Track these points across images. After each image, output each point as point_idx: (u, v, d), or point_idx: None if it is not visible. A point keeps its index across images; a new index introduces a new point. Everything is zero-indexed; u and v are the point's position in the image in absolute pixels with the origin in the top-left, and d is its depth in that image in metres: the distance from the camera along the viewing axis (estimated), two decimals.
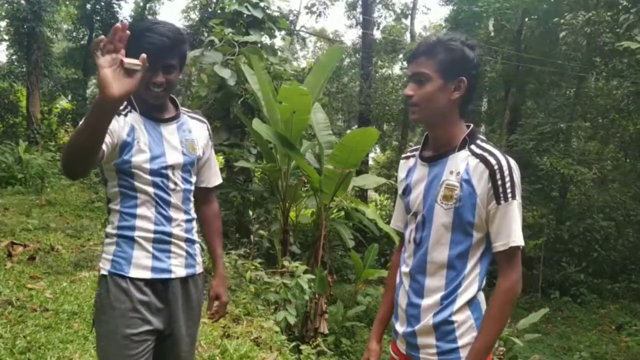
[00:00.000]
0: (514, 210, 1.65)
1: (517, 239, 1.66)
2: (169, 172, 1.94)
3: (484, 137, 1.79)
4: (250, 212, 7.70)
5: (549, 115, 14.21)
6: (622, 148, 15.40)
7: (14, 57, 17.05)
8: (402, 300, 1.84)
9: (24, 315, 3.99)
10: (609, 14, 11.58)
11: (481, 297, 1.78)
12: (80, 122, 1.61)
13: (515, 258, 1.68)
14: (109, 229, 1.95)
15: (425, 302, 1.76)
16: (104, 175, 1.93)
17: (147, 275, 1.90)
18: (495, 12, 15.57)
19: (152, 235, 1.91)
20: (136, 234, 1.90)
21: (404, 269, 1.86)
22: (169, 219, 1.95)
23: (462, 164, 1.70)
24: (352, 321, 7.86)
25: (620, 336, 10.39)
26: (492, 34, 16.67)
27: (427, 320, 1.74)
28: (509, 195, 1.64)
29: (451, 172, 1.71)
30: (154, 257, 1.92)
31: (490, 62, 15.63)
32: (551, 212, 14.64)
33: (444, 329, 1.72)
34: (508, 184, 1.64)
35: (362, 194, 16.11)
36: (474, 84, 1.73)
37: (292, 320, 5.20)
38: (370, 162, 20.22)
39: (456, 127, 1.76)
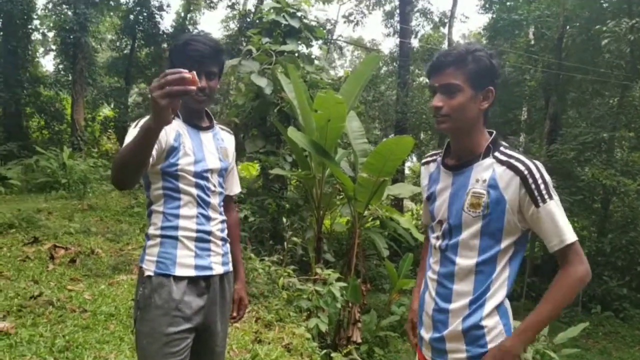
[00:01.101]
0: (555, 209, 1.66)
1: (569, 235, 1.66)
2: (209, 175, 2.07)
3: (506, 144, 1.78)
4: (285, 220, 7.75)
5: (591, 125, 13.88)
6: None
7: (60, 66, 17.65)
8: (429, 306, 1.84)
9: (64, 315, 4.11)
10: None
11: (507, 303, 1.77)
12: (128, 140, 1.74)
13: (574, 253, 1.68)
14: (152, 230, 2.03)
15: (453, 306, 1.75)
16: (147, 179, 2.01)
17: (192, 273, 1.99)
18: (536, 20, 15.34)
19: (194, 235, 2.01)
20: (180, 233, 1.99)
21: (430, 274, 1.86)
22: (208, 219, 2.06)
23: (487, 171, 1.71)
24: (386, 331, 7.79)
25: None
26: (532, 42, 16.40)
27: (456, 325, 1.74)
28: (546, 196, 1.65)
29: (477, 180, 1.71)
30: (196, 255, 2.01)
31: (530, 70, 15.37)
32: (593, 224, 14.26)
33: (474, 334, 1.72)
34: (542, 186, 1.64)
35: (397, 203, 16.01)
36: (496, 93, 1.75)
37: (323, 327, 5.20)
38: (407, 171, 20.09)
39: (481, 135, 1.77)
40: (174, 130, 1.99)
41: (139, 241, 6.91)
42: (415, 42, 19.79)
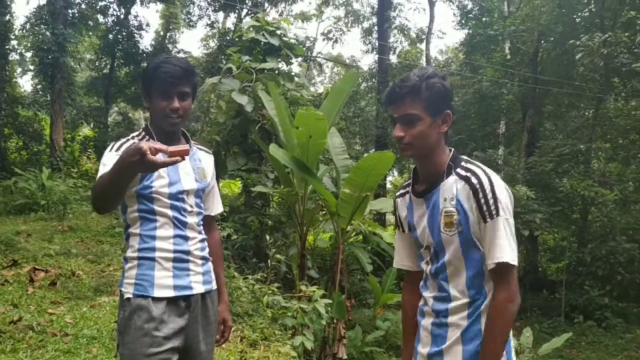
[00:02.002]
0: (500, 227, 1.66)
1: (506, 255, 1.64)
2: (185, 197, 2.07)
3: (467, 158, 1.82)
4: (268, 237, 7.72)
5: (568, 137, 14.10)
6: None
7: (38, 86, 17.49)
8: (427, 322, 1.87)
9: (45, 340, 4.04)
10: (626, 34, 11.56)
11: None
12: (106, 164, 1.86)
13: (506, 276, 1.67)
14: (129, 253, 2.04)
15: (450, 333, 1.78)
16: (124, 202, 2.03)
17: (170, 293, 1.99)
18: (511, 35, 15.61)
19: (171, 255, 2.02)
20: (157, 254, 2.00)
21: (427, 294, 1.89)
22: (186, 238, 2.07)
23: (452, 189, 1.75)
24: (371, 346, 7.77)
25: None
26: (509, 56, 16.69)
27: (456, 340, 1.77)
28: (494, 212, 1.66)
29: (445, 199, 1.75)
30: (175, 276, 2.02)
31: (507, 84, 15.62)
32: (572, 235, 14.42)
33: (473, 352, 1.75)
34: (491, 201, 1.66)
35: (380, 218, 16.06)
36: (453, 112, 1.80)
37: (309, 345, 5.17)
38: (388, 186, 20.19)
39: (443, 155, 1.81)
40: None
41: (120, 262, 6.82)
42: (393, 58, 20.01)
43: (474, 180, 1.69)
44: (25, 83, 42.93)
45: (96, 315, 4.82)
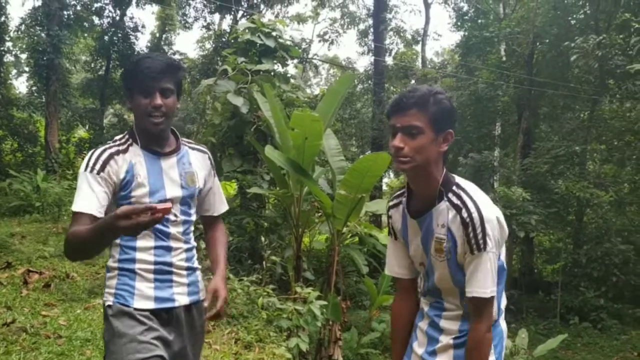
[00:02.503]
0: (485, 261, 1.68)
1: (485, 290, 1.68)
2: None
3: (457, 181, 1.80)
4: (263, 238, 7.71)
5: (563, 139, 14.15)
6: (639, 170, 15.22)
7: (33, 88, 17.43)
8: (423, 324, 1.89)
9: (38, 342, 4.02)
10: (620, 36, 11.60)
11: (503, 324, 1.82)
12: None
13: (483, 307, 1.71)
14: (110, 263, 1.97)
15: (443, 337, 1.82)
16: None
17: (151, 305, 1.92)
18: (507, 37, 15.67)
19: (152, 267, 1.94)
20: (137, 266, 1.92)
21: (424, 300, 1.93)
22: (169, 249, 1.97)
23: (443, 215, 1.75)
24: (367, 348, 7.76)
25: None
26: (504, 58, 16.74)
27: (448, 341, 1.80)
28: (481, 246, 1.67)
29: (437, 225, 1.76)
30: (156, 287, 1.94)
31: (502, 86, 15.66)
32: (568, 236, 14.46)
33: (463, 350, 1.77)
34: (480, 235, 1.67)
35: (375, 220, 16.04)
36: (455, 134, 1.79)
37: (304, 347, 5.15)
38: (384, 187, 20.20)
39: (437, 175, 1.78)
40: (126, 162, 1.92)
41: None
42: (389, 60, 20.04)
43: (464, 213, 1.69)
44: (20, 85, 42.92)
45: (90, 318, 4.79)
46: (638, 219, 13.77)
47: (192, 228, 2.10)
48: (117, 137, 2.01)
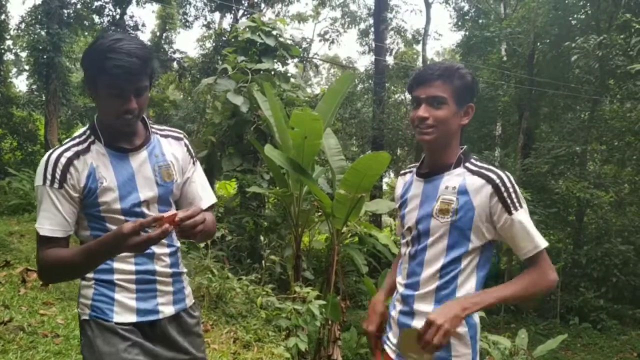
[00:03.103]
0: (526, 217, 1.72)
1: (541, 242, 1.72)
2: (144, 209, 1.73)
3: (476, 157, 1.85)
4: (263, 238, 7.70)
5: (564, 139, 14.14)
6: (639, 171, 15.21)
7: (33, 86, 17.42)
8: (395, 313, 1.88)
9: (35, 341, 4.00)
10: (621, 37, 11.59)
11: (476, 319, 1.79)
12: (71, 253, 1.60)
13: (545, 259, 1.73)
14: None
15: (416, 322, 1.77)
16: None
17: (133, 318, 1.72)
18: (507, 37, 15.66)
19: (133, 277, 1.73)
20: (115, 277, 1.72)
21: (400, 279, 1.90)
22: (150, 256, 1.75)
23: (457, 179, 1.76)
24: (366, 348, 7.75)
25: None
26: (505, 58, 16.73)
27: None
28: (517, 204, 1.70)
29: (446, 188, 1.77)
30: (138, 299, 1.73)
31: (503, 86, 15.65)
32: (568, 237, 14.45)
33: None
34: (514, 195, 1.70)
35: (375, 219, 16.03)
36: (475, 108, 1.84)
37: (303, 346, 5.14)
38: (384, 187, 20.18)
39: (456, 149, 1.83)
40: (87, 166, 1.67)
41: None
42: (390, 60, 20.03)
43: (492, 176, 1.71)
44: (20, 83, 42.91)
45: None
46: (638, 219, 13.74)
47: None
48: (76, 134, 1.76)
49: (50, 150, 1.71)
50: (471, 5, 18.92)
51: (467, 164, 1.78)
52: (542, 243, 1.72)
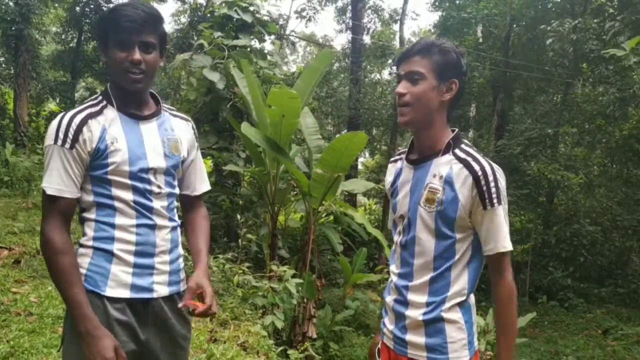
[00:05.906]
0: (501, 215, 1.68)
1: (505, 244, 1.69)
2: (150, 176, 1.73)
3: (468, 142, 1.81)
4: (239, 216, 7.67)
5: (537, 121, 14.34)
6: (609, 154, 15.55)
7: (1, 59, 16.92)
8: (390, 299, 1.88)
9: (8, 319, 3.95)
10: (595, 21, 11.74)
11: (472, 300, 1.80)
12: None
13: (504, 263, 1.72)
14: (83, 241, 1.73)
15: (410, 312, 1.78)
16: None
17: (126, 294, 1.68)
18: (484, 19, 15.71)
19: (133, 248, 1.70)
20: (116, 246, 1.68)
21: (393, 268, 1.89)
22: (152, 227, 1.74)
23: (445, 167, 1.73)
24: (341, 325, 7.85)
25: (606, 340, 10.47)
26: (481, 40, 16.80)
27: (417, 316, 1.76)
28: (495, 200, 1.67)
29: (434, 176, 1.74)
30: (135, 274, 1.70)
31: (478, 67, 15.74)
32: (538, 217, 14.74)
33: (434, 327, 1.74)
34: (493, 190, 1.67)
35: (351, 199, 16.10)
36: (462, 90, 1.77)
37: (279, 324, 5.18)
38: (360, 167, 20.25)
39: (442, 131, 1.79)
40: (98, 129, 1.67)
41: None
42: (367, 39, 19.92)
43: (476, 167, 1.68)
44: None
45: None
46: (606, 201, 14.09)
47: (176, 203, 1.86)
48: (89, 99, 1.79)
49: (62, 112, 1.73)
50: None
51: (456, 151, 1.75)
52: (508, 245, 1.69)
